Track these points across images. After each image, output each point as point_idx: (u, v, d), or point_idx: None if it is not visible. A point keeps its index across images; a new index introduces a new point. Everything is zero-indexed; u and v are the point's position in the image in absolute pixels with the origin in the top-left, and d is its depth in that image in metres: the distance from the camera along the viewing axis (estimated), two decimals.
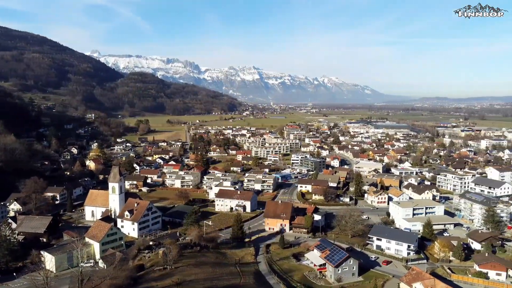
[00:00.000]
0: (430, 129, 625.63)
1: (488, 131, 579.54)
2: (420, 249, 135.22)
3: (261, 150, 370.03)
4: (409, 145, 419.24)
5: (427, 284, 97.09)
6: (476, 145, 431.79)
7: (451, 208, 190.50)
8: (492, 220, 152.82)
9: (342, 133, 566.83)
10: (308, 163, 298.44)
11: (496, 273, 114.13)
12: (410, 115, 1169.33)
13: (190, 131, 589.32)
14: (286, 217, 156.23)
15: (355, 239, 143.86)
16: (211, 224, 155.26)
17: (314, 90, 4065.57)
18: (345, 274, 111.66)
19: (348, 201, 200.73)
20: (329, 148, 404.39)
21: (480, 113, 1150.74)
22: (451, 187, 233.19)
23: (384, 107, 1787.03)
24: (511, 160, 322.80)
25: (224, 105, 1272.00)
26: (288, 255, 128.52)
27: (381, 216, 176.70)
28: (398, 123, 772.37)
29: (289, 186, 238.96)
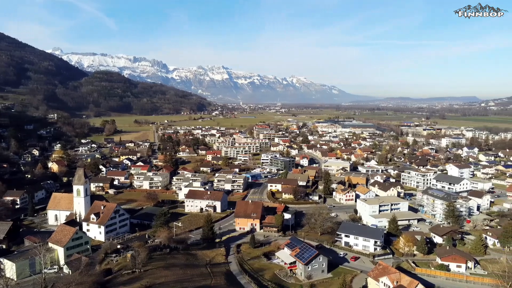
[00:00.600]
0: (395, 128, 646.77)
1: (448, 129, 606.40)
2: (386, 244, 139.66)
3: (231, 150, 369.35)
4: (375, 144, 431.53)
5: (393, 278, 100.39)
6: (437, 143, 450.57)
7: (414, 204, 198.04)
8: (452, 215, 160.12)
9: (310, 133, 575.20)
10: (278, 162, 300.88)
11: (456, 265, 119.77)
12: (376, 114, 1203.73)
13: (158, 131, 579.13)
14: (257, 216, 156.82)
15: (324, 237, 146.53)
16: (181, 226, 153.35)
17: (283, 90, 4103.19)
18: (315, 271, 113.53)
19: (317, 199, 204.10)
20: (298, 148, 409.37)
21: (440, 113, 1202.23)
22: (415, 184, 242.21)
23: (351, 107, 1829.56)
24: (469, 158, 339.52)
25: (193, 104, 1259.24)
26: (259, 254, 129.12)
27: (349, 213, 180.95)
28: (364, 123, 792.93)
29: (259, 186, 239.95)
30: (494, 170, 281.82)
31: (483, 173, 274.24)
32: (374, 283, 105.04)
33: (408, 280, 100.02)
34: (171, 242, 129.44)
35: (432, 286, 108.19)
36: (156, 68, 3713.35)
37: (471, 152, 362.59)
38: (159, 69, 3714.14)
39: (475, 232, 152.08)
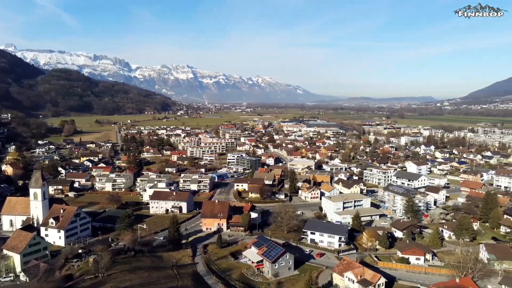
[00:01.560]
0: (357, 127, 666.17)
1: (407, 128, 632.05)
2: (350, 240, 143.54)
3: (197, 150, 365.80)
4: (339, 143, 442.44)
5: (357, 272, 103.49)
6: (397, 141, 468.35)
7: (376, 200, 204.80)
8: (412, 210, 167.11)
9: (276, 132, 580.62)
10: (244, 162, 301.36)
11: (416, 258, 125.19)
12: (339, 114, 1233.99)
13: (121, 132, 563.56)
14: (223, 216, 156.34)
15: (290, 235, 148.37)
16: (145, 228, 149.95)
17: (248, 89, 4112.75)
18: (282, 269, 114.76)
19: (283, 198, 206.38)
20: (264, 147, 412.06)
21: (400, 112, 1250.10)
22: (376, 181, 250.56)
23: (315, 107, 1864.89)
24: (427, 155, 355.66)
25: (157, 104, 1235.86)
26: (226, 254, 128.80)
27: (314, 211, 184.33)
28: (328, 122, 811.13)
29: (226, 186, 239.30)
30: (449, 167, 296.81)
31: (439, 170, 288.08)
32: (339, 278, 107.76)
33: (371, 274, 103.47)
34: (135, 245, 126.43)
35: (393, 278, 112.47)
36: (118, 66, 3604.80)
37: (428, 150, 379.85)
38: (121, 68, 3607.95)
39: (432, 226, 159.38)
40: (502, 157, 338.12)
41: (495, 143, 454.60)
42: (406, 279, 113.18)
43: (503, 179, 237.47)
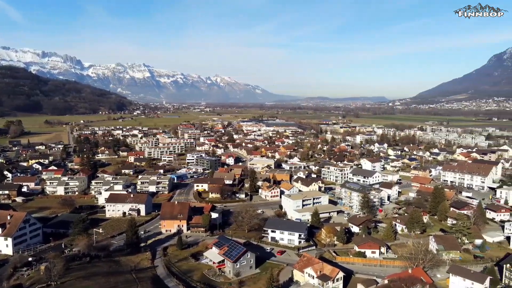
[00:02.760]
0: (315, 126, 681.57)
1: (361, 127, 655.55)
2: (310, 236, 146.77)
3: (155, 151, 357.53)
4: (297, 142, 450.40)
5: (316, 268, 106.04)
6: (353, 140, 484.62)
7: (334, 197, 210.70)
8: (367, 206, 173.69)
9: (236, 132, 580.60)
10: (204, 162, 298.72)
11: (371, 252, 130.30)
12: (297, 113, 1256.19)
13: (73, 133, 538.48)
14: (183, 217, 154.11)
15: (251, 234, 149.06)
16: (101, 232, 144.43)
17: (207, 89, 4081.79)
18: (243, 268, 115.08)
19: (244, 197, 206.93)
20: (224, 147, 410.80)
21: (355, 112, 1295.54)
22: (334, 178, 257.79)
23: (274, 106, 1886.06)
24: (380, 153, 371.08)
25: (112, 104, 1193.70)
26: (187, 256, 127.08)
27: (274, 209, 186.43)
28: (287, 121, 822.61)
29: (186, 186, 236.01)
30: (401, 163, 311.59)
31: (392, 166, 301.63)
32: (299, 275, 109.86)
33: (330, 268, 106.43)
34: (91, 250, 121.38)
35: (351, 272, 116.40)
36: (69, 64, 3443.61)
37: (381, 148, 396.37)
38: (72, 66, 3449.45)
39: (386, 220, 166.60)
40: (448, 153, 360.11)
41: (442, 140, 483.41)
42: (363, 272, 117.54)
43: (449, 174, 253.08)
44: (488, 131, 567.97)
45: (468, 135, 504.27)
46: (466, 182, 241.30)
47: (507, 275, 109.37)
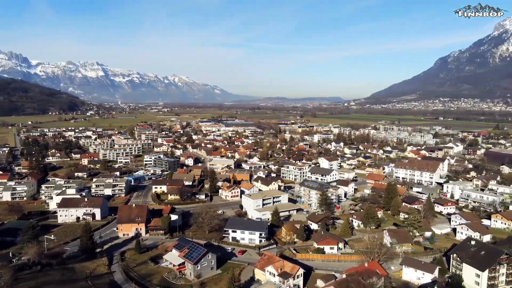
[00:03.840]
0: (274, 126, 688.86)
1: (319, 127, 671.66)
2: (270, 235, 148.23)
3: (110, 152, 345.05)
4: (257, 141, 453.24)
5: (277, 266, 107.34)
6: (310, 139, 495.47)
7: (293, 195, 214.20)
8: (325, 203, 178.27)
9: (195, 132, 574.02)
10: (162, 163, 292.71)
11: (330, 248, 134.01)
12: (256, 113, 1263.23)
13: (20, 134, 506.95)
14: (142, 220, 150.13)
15: (212, 234, 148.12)
16: (53, 238, 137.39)
17: (164, 89, 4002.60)
18: (204, 270, 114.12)
19: (204, 198, 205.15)
20: (183, 147, 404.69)
21: (312, 112, 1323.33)
22: (293, 177, 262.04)
23: (233, 106, 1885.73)
24: (337, 151, 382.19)
25: (63, 104, 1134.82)
26: (146, 260, 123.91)
27: (235, 209, 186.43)
28: (246, 121, 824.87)
29: (143, 188, 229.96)
30: (356, 161, 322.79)
31: (348, 164, 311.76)
32: (261, 273, 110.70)
33: (290, 266, 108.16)
34: (42, 258, 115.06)
35: (310, 268, 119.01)
36: (14, 62, 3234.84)
37: (338, 147, 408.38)
38: (18, 63, 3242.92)
39: (343, 217, 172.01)
40: (400, 151, 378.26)
41: (394, 139, 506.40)
42: (322, 268, 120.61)
43: (401, 171, 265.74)
44: (435, 129, 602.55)
45: (418, 134, 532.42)
46: (416, 178, 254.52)
47: (454, 264, 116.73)
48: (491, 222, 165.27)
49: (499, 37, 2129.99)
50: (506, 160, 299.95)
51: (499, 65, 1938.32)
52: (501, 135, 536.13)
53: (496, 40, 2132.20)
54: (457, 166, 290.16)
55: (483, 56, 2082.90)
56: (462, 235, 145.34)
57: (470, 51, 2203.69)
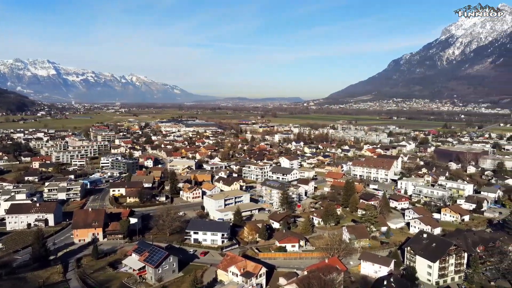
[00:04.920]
0: (235, 126, 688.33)
1: (279, 127, 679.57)
2: (233, 235, 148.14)
3: (64, 155, 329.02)
4: (218, 142, 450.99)
5: (240, 266, 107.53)
6: (271, 139, 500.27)
7: (255, 195, 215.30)
8: (286, 202, 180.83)
9: (154, 133, 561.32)
10: (120, 165, 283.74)
11: (291, 245, 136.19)
12: (217, 114, 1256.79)
13: None
14: (99, 225, 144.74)
15: (173, 237, 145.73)
16: (1, 247, 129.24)
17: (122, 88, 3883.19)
18: (166, 273, 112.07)
19: (164, 200, 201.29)
20: (142, 148, 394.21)
21: (273, 112, 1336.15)
22: (254, 177, 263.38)
23: (194, 106, 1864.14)
24: (297, 150, 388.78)
25: (10, 104, 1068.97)
26: (104, 265, 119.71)
27: (196, 210, 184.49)
28: (207, 122, 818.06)
29: (100, 192, 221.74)
30: (316, 160, 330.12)
31: (308, 163, 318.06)
32: (223, 274, 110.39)
33: (253, 265, 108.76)
34: None
35: (273, 267, 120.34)
36: None
37: (298, 146, 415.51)
38: None
39: (304, 215, 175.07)
40: (357, 150, 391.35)
41: (351, 138, 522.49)
42: (284, 266, 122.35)
43: (358, 169, 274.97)
44: (390, 129, 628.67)
45: (373, 133, 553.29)
46: (373, 176, 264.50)
47: (408, 256, 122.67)
48: (441, 216, 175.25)
49: (446, 41, 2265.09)
50: (454, 157, 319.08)
51: (446, 67, 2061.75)
52: (449, 134, 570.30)
53: (443, 44, 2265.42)
54: (410, 163, 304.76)
55: (432, 59, 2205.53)
56: (415, 229, 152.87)
57: (420, 54, 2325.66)
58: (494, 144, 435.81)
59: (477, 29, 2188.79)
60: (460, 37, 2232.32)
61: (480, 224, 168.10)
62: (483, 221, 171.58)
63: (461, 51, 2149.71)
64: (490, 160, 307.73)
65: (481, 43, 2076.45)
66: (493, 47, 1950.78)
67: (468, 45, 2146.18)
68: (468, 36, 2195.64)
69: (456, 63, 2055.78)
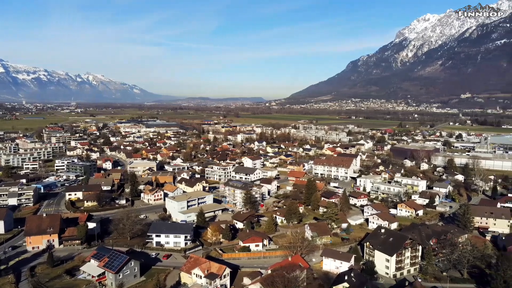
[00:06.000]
0: (197, 127, 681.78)
1: (242, 127, 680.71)
2: (196, 237, 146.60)
3: (14, 158, 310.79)
4: (180, 142, 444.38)
5: (203, 267, 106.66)
6: (234, 139, 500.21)
7: (218, 196, 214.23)
8: (250, 201, 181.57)
9: (113, 134, 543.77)
10: (77, 168, 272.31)
11: (255, 245, 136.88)
12: (179, 114, 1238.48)
13: None
14: (54, 231, 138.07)
15: (135, 240, 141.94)
16: None
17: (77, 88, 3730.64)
18: (127, 278, 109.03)
19: (125, 203, 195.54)
20: (100, 150, 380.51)
21: (235, 112, 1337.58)
22: (217, 177, 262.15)
23: (154, 106, 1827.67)
24: (260, 150, 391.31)
25: None
26: (60, 273, 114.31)
27: (158, 212, 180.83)
28: (168, 122, 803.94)
29: (55, 196, 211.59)
30: (278, 160, 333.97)
31: (270, 163, 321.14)
32: (187, 276, 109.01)
33: (217, 266, 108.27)
34: None
35: (237, 267, 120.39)
36: None
37: (261, 146, 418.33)
38: None
39: (267, 214, 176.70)
40: (318, 149, 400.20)
41: (312, 137, 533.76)
42: (248, 266, 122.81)
43: (319, 168, 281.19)
44: (349, 128, 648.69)
45: (333, 132, 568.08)
46: (333, 174, 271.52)
47: (367, 251, 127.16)
48: (397, 211, 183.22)
49: (400, 44, 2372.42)
50: (408, 155, 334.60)
51: (400, 69, 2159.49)
52: (404, 132, 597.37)
53: (397, 46, 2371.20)
54: (368, 161, 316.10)
55: (388, 61, 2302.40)
56: (374, 225, 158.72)
57: (376, 56, 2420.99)
58: (445, 142, 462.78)
59: (428, 33, 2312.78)
60: (413, 40, 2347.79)
61: (433, 218, 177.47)
62: (436, 215, 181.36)
63: (414, 54, 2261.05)
64: (441, 157, 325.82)
65: (432, 46, 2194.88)
66: (442, 50, 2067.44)
67: (420, 48, 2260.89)
68: (420, 40, 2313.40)
69: (410, 65, 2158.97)
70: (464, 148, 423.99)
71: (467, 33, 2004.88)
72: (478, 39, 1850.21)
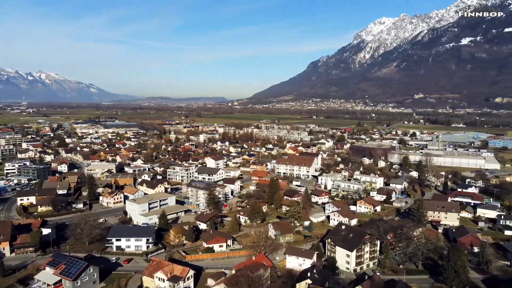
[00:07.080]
0: (158, 127, 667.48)
1: (204, 127, 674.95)
2: (158, 240, 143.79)
3: None
4: (140, 143, 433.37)
5: (166, 270, 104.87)
6: (196, 139, 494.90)
7: (181, 197, 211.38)
8: (213, 202, 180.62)
9: (68, 135, 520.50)
10: (29, 171, 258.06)
11: (219, 246, 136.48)
12: (139, 114, 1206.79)
13: None
14: (5, 238, 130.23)
15: (93, 246, 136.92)
16: None
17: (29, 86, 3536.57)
18: (86, 285, 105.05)
19: (82, 207, 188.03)
20: (54, 152, 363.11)
21: (197, 111, 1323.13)
22: (180, 178, 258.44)
23: (113, 106, 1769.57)
24: (223, 150, 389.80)
25: None
26: (12, 283, 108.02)
27: (118, 216, 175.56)
28: (128, 122, 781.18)
29: (5, 201, 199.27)
30: (241, 159, 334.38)
31: (233, 163, 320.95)
32: (149, 280, 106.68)
33: (180, 269, 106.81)
34: None
35: (201, 268, 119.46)
36: None
37: (223, 146, 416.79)
38: None
39: (231, 214, 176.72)
40: (280, 148, 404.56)
41: (275, 136, 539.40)
42: (212, 267, 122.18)
43: (282, 167, 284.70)
44: (310, 127, 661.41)
45: (295, 131, 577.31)
46: (295, 173, 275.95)
47: (329, 248, 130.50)
48: (357, 208, 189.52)
49: (357, 46, 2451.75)
50: (367, 153, 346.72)
51: (358, 70, 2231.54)
52: (362, 131, 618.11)
53: (355, 48, 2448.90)
54: (329, 160, 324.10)
55: (346, 62, 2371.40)
56: (335, 221, 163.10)
57: (336, 57, 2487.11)
58: (400, 140, 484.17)
59: (383, 35, 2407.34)
60: (369, 42, 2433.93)
61: (390, 213, 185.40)
62: (392, 211, 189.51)
63: (370, 55, 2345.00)
64: (397, 155, 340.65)
65: (387, 48, 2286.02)
66: (397, 52, 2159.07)
67: (377, 49, 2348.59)
68: (377, 42, 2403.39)
69: (367, 66, 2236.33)
70: (418, 146, 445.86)
71: (420, 36, 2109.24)
72: (429, 43, 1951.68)
